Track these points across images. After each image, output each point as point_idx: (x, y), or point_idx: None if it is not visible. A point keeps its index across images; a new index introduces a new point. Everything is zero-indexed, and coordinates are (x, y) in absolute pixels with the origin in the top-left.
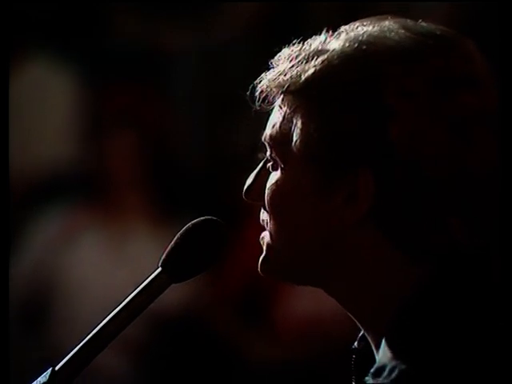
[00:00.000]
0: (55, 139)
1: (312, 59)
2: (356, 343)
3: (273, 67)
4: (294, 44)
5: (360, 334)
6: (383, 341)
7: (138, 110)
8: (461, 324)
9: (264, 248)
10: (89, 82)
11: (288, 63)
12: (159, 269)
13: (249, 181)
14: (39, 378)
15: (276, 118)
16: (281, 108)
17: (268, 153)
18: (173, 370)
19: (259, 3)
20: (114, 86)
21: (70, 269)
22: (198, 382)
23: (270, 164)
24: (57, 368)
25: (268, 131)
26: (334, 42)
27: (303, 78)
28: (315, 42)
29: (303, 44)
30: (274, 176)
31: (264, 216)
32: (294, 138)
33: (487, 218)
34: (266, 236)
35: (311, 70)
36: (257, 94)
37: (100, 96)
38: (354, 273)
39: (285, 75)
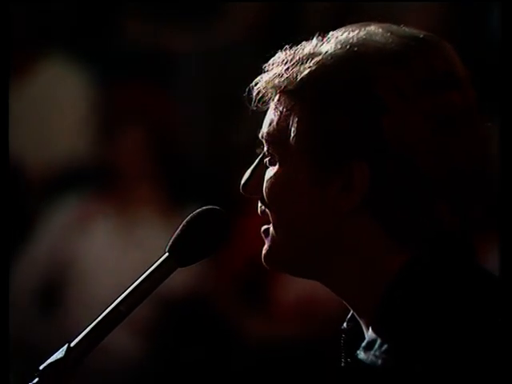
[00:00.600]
0: (70, 134)
1: (306, 61)
2: (345, 324)
3: (267, 70)
4: (286, 48)
5: (349, 316)
6: (373, 319)
7: (147, 107)
8: (443, 302)
9: (267, 241)
10: (101, 81)
11: (283, 66)
12: (166, 254)
13: (246, 176)
14: (56, 353)
15: (272, 116)
16: (277, 107)
17: (265, 149)
18: (179, 347)
19: (260, 7)
20: (124, 85)
21: (83, 253)
22: (203, 357)
23: (267, 160)
24: (72, 344)
25: (265, 129)
26: (326, 45)
27: (299, 78)
28: (308, 46)
29: (296, 48)
30: (272, 171)
31: (261, 208)
32: (291, 135)
33: (472, 205)
34: (269, 229)
35: (306, 71)
36: (254, 94)
37: (111, 94)
38: (348, 260)
39: (281, 77)
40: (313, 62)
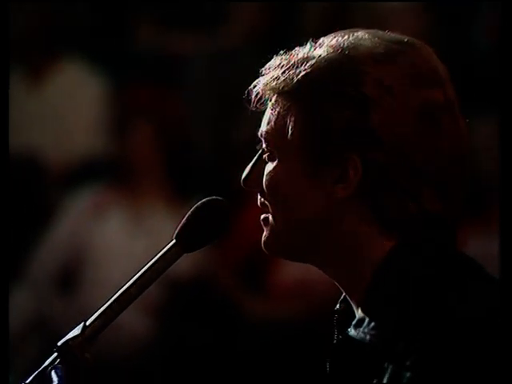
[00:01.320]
0: (87, 132)
1: (301, 65)
2: (338, 305)
3: (265, 74)
4: (282, 53)
5: (341, 297)
6: (363, 299)
7: (156, 106)
8: (426, 284)
9: (266, 229)
10: (115, 82)
11: (279, 69)
12: (173, 241)
13: (246, 171)
14: (73, 330)
15: (270, 116)
16: (274, 108)
17: (264, 146)
18: (185, 325)
19: (261, 13)
20: (135, 86)
21: (98, 239)
22: (207, 335)
23: (266, 156)
24: (87, 323)
25: (264, 128)
26: (319, 49)
27: (295, 80)
28: (302, 51)
29: (290, 53)
30: (271, 166)
31: (261, 200)
32: (289, 133)
33: (455, 192)
34: (268, 218)
35: (301, 74)
36: (252, 96)
37: (124, 94)
38: (340, 246)
39: (277, 79)
40: (307, 65)
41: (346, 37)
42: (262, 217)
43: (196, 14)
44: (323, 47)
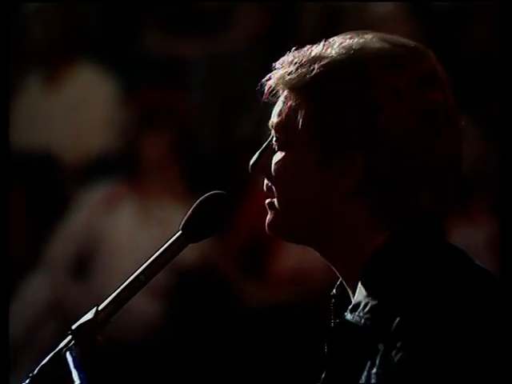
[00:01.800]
0: (100, 130)
1: (315, 63)
2: (334, 290)
3: (277, 68)
4: (294, 50)
5: (337, 283)
6: (358, 285)
7: (164, 106)
8: (418, 270)
9: (271, 212)
10: (125, 83)
11: (293, 66)
12: (180, 231)
13: (254, 157)
14: (87, 315)
15: (282, 108)
16: (286, 101)
17: (274, 136)
18: (191, 309)
19: (261, 20)
20: (145, 87)
21: (110, 230)
22: (211, 318)
23: (275, 145)
24: (100, 307)
25: (275, 119)
26: (331, 49)
27: (308, 78)
28: (315, 50)
29: (303, 50)
30: (280, 155)
31: (267, 186)
32: (299, 126)
33: (450, 189)
34: (273, 203)
35: (315, 72)
36: (266, 88)
37: (134, 95)
38: (340, 234)
39: (291, 75)
40: (321, 64)
41: (357, 39)
42: (267, 201)
43: (200, 19)
44: (335, 48)
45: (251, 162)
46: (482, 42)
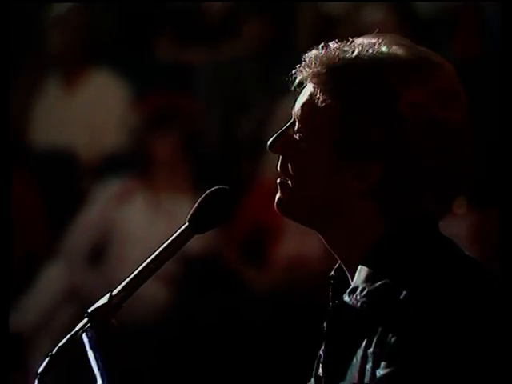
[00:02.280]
0: (114, 130)
1: (346, 67)
2: (333, 272)
3: (307, 63)
4: (321, 48)
5: (336, 266)
6: (357, 270)
7: (173, 108)
8: (415, 258)
9: (282, 191)
10: (137, 88)
11: (323, 65)
12: (186, 223)
13: (273, 137)
14: (101, 299)
15: (307, 101)
16: (312, 96)
17: (296, 125)
18: (197, 294)
19: (262, 30)
20: (155, 91)
21: (123, 222)
22: (216, 302)
23: (296, 134)
24: (113, 293)
25: (299, 110)
26: (361, 54)
27: (339, 80)
28: (344, 51)
29: (333, 50)
30: (299, 144)
31: (281, 166)
32: (324, 124)
33: (452, 196)
34: (286, 182)
35: (345, 76)
36: (296, 80)
37: (145, 98)
38: (344, 223)
39: (323, 75)
40: (352, 70)
41: (385, 47)
42: (280, 180)
43: (205, 30)
44: (365, 53)
45: (269, 141)
46: (465, 48)
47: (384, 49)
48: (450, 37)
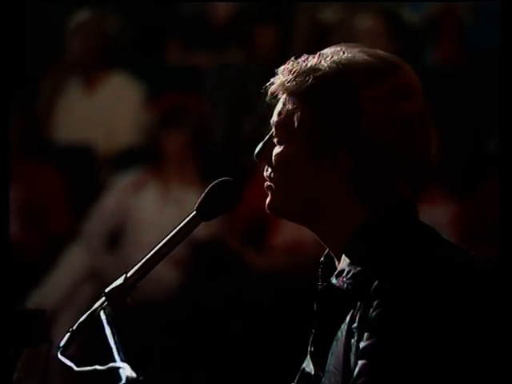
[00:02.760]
0: (130, 127)
1: (310, 74)
2: (322, 258)
3: (279, 74)
4: (293, 60)
5: (325, 253)
6: (343, 255)
7: (183, 108)
8: (394, 242)
9: (270, 194)
10: (150, 89)
11: (292, 74)
12: (194, 212)
13: (258, 148)
14: (117, 280)
15: (281, 110)
16: (286, 104)
17: (274, 132)
18: (203, 276)
19: (261, 39)
20: (166, 92)
21: (137, 209)
22: (220, 282)
23: (275, 140)
24: (128, 274)
25: (275, 118)
26: (324, 62)
27: (304, 86)
28: (310, 61)
29: (301, 61)
30: (279, 148)
31: (267, 172)
32: (295, 125)
33: (421, 179)
34: (272, 186)
35: (310, 81)
36: (269, 92)
37: (158, 98)
38: (328, 214)
39: (290, 83)
40: (315, 75)
41: (345, 54)
42: (266, 184)
43: (212, 37)
44: (328, 61)
45: (256, 151)
46: (446, 53)
47: (345, 54)
48: (434, 43)
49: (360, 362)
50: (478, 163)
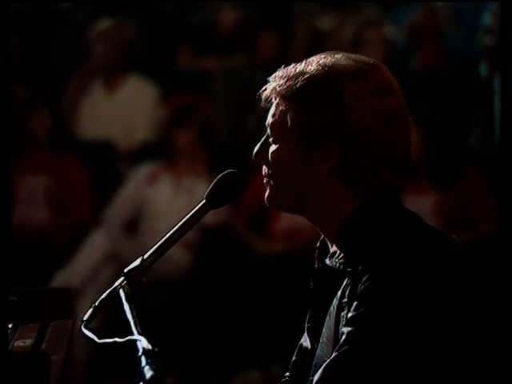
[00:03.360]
0: (145, 125)
1: (298, 77)
2: (318, 243)
3: (272, 81)
4: (284, 67)
5: (320, 239)
6: (335, 239)
7: (193, 107)
8: (380, 227)
9: (269, 189)
10: (163, 90)
11: (282, 79)
12: (203, 200)
13: (256, 149)
14: (135, 262)
15: (275, 112)
16: (278, 106)
17: (269, 132)
18: (211, 257)
19: (266, 45)
20: (177, 94)
21: (152, 199)
22: (226, 263)
23: (270, 139)
24: (144, 257)
25: (270, 120)
26: (310, 66)
27: (294, 89)
28: (298, 67)
29: (290, 67)
30: (274, 147)
31: (265, 170)
32: (288, 125)
33: (403, 169)
34: (270, 182)
35: (299, 84)
36: (263, 97)
37: (170, 99)
38: (322, 204)
39: (281, 87)
40: (303, 78)
41: (329, 58)
42: (265, 180)
43: (219, 43)
44: (314, 65)
45: (254, 152)
46: (427, 59)
47: (330, 59)
48: (415, 50)
49: (346, 330)
50: (459, 157)
